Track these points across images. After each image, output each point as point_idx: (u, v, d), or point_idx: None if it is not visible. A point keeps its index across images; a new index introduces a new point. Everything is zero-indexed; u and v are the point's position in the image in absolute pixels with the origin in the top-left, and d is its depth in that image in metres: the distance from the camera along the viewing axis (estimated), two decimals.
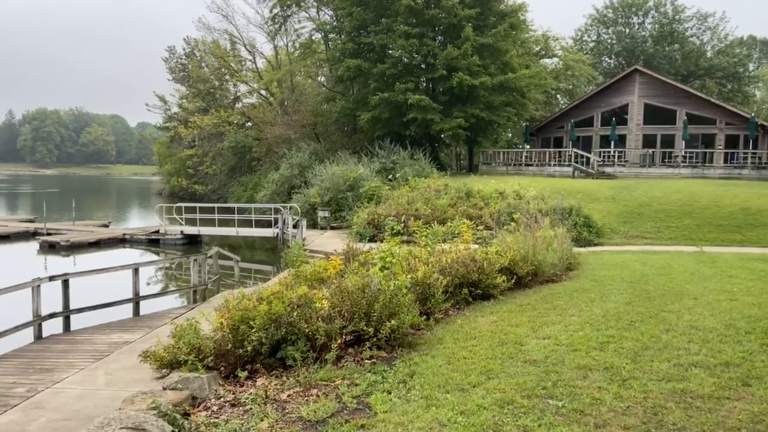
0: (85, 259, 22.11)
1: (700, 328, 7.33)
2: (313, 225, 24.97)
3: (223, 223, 26.33)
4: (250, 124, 49.10)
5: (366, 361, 6.64)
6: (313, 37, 41.96)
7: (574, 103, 38.17)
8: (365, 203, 23.81)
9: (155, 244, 25.18)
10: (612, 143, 33.82)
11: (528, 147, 40.28)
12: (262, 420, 5.12)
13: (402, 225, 14.88)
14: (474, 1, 32.64)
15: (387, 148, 30.69)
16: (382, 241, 12.80)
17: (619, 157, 33.16)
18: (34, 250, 23.93)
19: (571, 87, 47.55)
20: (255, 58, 50.74)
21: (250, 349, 6.48)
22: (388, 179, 26.99)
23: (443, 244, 12.08)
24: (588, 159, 31.96)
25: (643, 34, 57.48)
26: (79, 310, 10.97)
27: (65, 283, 10.79)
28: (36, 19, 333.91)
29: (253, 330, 6.51)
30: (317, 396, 5.65)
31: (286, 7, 39.88)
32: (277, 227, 24.03)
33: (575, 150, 32.58)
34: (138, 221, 37.43)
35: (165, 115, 58.45)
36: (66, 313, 10.76)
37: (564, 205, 19.48)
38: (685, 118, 32.71)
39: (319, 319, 6.84)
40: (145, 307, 12.15)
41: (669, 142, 33.66)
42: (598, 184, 26.35)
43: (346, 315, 7.06)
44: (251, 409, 5.44)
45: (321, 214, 25.24)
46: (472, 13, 31.44)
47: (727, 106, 34.15)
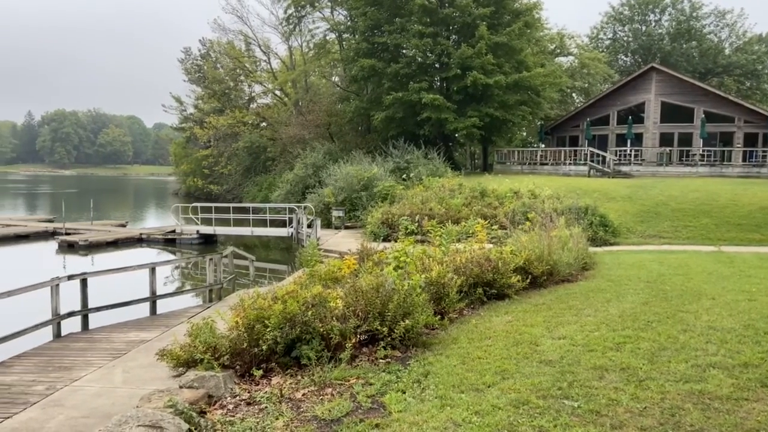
0: (102, 258, 22.38)
1: (718, 328, 7.25)
2: (327, 224, 25.04)
3: (238, 222, 26.50)
4: (264, 124, 49.36)
5: (380, 360, 6.65)
6: (327, 38, 42.07)
7: (589, 102, 37.86)
8: (379, 203, 23.82)
9: (171, 244, 25.41)
10: (628, 142, 33.50)
11: (543, 146, 40.02)
12: (278, 419, 5.15)
13: (416, 224, 14.88)
14: None
15: (401, 147, 30.68)
16: (396, 241, 12.81)
17: (635, 155, 32.84)
18: (53, 249, 24.27)
19: (586, 85, 47.14)
20: (269, 59, 51.04)
21: (265, 348, 6.52)
22: (402, 179, 26.98)
23: (457, 244, 12.06)
24: (604, 158, 31.70)
25: (659, 31, 56.81)
26: (97, 309, 11.10)
27: (83, 283, 10.93)
28: (53, 20, 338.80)
29: (268, 329, 6.55)
30: (332, 395, 5.67)
31: (300, 8, 40.01)
32: (291, 227, 24.13)
33: (591, 149, 32.33)
34: (154, 221, 37.79)
35: (181, 115, 58.95)
36: (84, 312, 10.90)
37: (579, 205, 19.34)
38: (702, 116, 32.31)
39: (334, 318, 6.86)
40: (162, 306, 12.26)
41: (686, 140, 33.25)
42: (615, 183, 26.12)
43: (361, 314, 7.08)
44: (266, 407, 5.47)
45: (335, 213, 25.30)
46: (487, 12, 31.30)
47: (746, 104, 33.68)
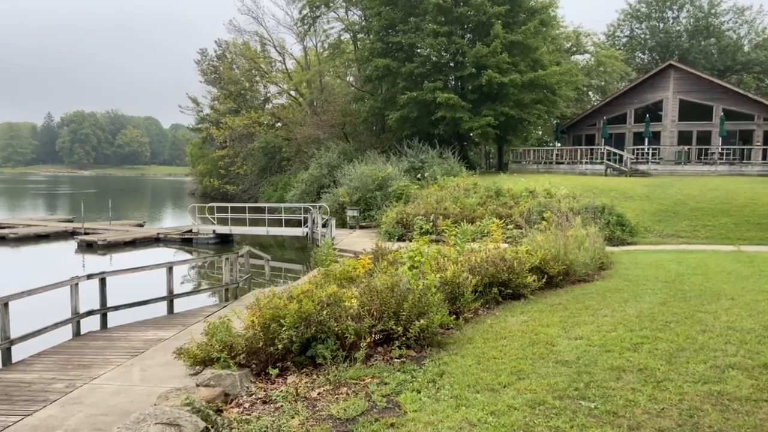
0: (121, 257, 22.65)
1: (737, 329, 7.15)
2: (342, 224, 25.10)
3: (253, 222, 26.66)
4: (279, 124, 49.61)
5: (395, 360, 6.66)
6: (342, 38, 42.18)
7: (606, 100, 37.53)
8: (394, 202, 23.83)
9: (188, 243, 25.64)
10: (646, 140, 33.16)
11: (559, 145, 39.76)
12: (293, 417, 5.17)
13: (431, 224, 14.83)
14: None
15: (415, 147, 30.65)
16: (410, 241, 12.81)
17: (653, 154, 32.49)
18: (73, 249, 24.61)
19: (603, 83, 46.73)
20: (285, 59, 51.30)
21: (280, 347, 6.55)
22: (416, 178, 26.96)
23: (472, 244, 12.02)
24: (621, 156, 31.41)
25: (677, 28, 56.13)
26: (116, 308, 11.23)
27: (102, 282, 11.06)
28: (72, 21, 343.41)
29: (284, 328, 6.58)
30: (347, 394, 5.69)
31: (315, 8, 40.15)
32: (306, 226, 24.22)
33: (608, 147, 32.05)
34: (172, 221, 38.15)
35: (197, 116, 59.47)
36: (103, 311, 11.03)
37: (596, 204, 19.19)
38: (721, 114, 31.88)
39: (349, 317, 6.88)
40: (179, 305, 12.36)
41: (705, 138, 32.83)
42: (632, 182, 25.86)
43: (375, 314, 7.08)
44: (282, 406, 5.50)
45: (350, 213, 25.35)
46: (502, 11, 31.16)
47: (766, 102, 33.09)
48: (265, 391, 6.09)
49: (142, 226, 31.12)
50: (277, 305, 6.95)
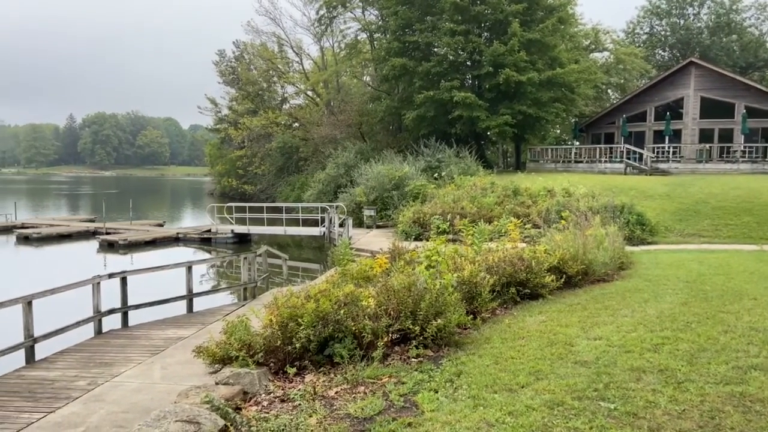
0: (141, 257, 22.95)
1: (760, 329, 7.03)
2: (359, 224, 25.15)
3: (271, 222, 26.83)
4: (297, 124, 49.86)
5: (412, 359, 6.65)
6: (359, 37, 42.24)
7: (626, 98, 37.10)
8: (411, 202, 23.82)
9: (207, 243, 25.88)
10: (666, 138, 32.71)
11: (577, 143, 39.40)
12: (311, 416, 5.20)
13: (448, 223, 14.81)
14: None
15: (432, 146, 30.59)
16: (427, 240, 12.80)
17: (673, 152, 32.05)
18: (94, 248, 24.99)
19: (622, 81, 46.17)
20: (302, 60, 51.52)
21: (298, 346, 6.59)
22: (433, 178, 26.91)
23: (490, 243, 11.96)
24: (641, 155, 31.04)
25: (698, 25, 55.31)
26: (136, 307, 11.38)
27: (123, 281, 11.21)
28: (92, 23, 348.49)
29: (301, 327, 6.62)
30: (364, 393, 5.70)
31: (332, 9, 40.26)
32: (323, 226, 24.31)
33: (627, 146, 31.68)
34: (191, 221, 38.55)
35: (216, 117, 59.98)
36: (124, 309, 11.19)
37: (615, 203, 18.99)
38: (744, 111, 31.32)
39: (366, 317, 6.89)
40: (198, 304, 12.49)
41: (727, 136, 32.28)
42: (652, 180, 25.54)
43: (392, 313, 7.09)
44: (300, 405, 5.53)
45: (367, 212, 25.39)
46: (519, 8, 30.96)
47: None
48: (283, 389, 6.13)
49: (162, 225, 31.49)
50: (295, 304, 6.99)
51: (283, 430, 4.92)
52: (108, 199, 46.08)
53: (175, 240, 26.49)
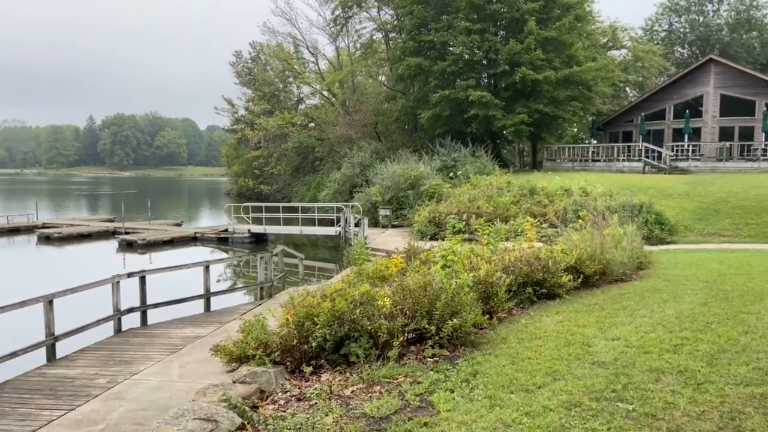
0: (159, 256, 23.20)
1: None
2: (374, 223, 25.18)
3: (287, 222, 26.97)
4: (312, 124, 50.04)
5: (428, 359, 6.65)
6: (374, 37, 42.30)
7: (644, 96, 36.69)
8: (426, 201, 23.79)
9: (224, 243, 26.09)
10: (686, 137, 32.30)
11: (595, 142, 39.04)
12: (327, 415, 5.22)
13: (463, 223, 14.77)
14: None
15: (448, 145, 30.53)
16: (443, 240, 12.74)
17: (693, 151, 31.63)
18: (114, 248, 25.31)
19: (640, 79, 45.67)
20: (317, 60, 51.69)
21: (314, 345, 6.62)
22: (449, 177, 26.85)
23: (506, 243, 11.91)
24: (659, 153, 30.68)
25: (718, 21, 54.53)
26: (155, 306, 11.51)
27: (142, 280, 11.34)
28: (112, 25, 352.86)
29: (318, 326, 6.65)
30: (380, 393, 5.71)
31: (347, 9, 40.34)
32: (339, 226, 24.38)
33: (646, 144, 31.34)
34: (208, 220, 38.87)
35: (232, 117, 60.41)
36: (143, 308, 11.32)
37: (634, 202, 18.80)
38: (765, 108, 30.81)
39: (381, 316, 6.90)
40: (216, 303, 12.59)
41: (748, 134, 31.79)
42: (671, 179, 25.24)
43: (408, 313, 7.08)
44: (316, 403, 5.56)
45: (382, 212, 25.41)
46: (536, 6, 30.76)
47: None
48: (299, 388, 6.16)
49: (179, 225, 31.81)
50: (311, 304, 7.02)
51: (299, 428, 4.95)
52: (127, 200, 46.64)
53: (192, 240, 26.75)
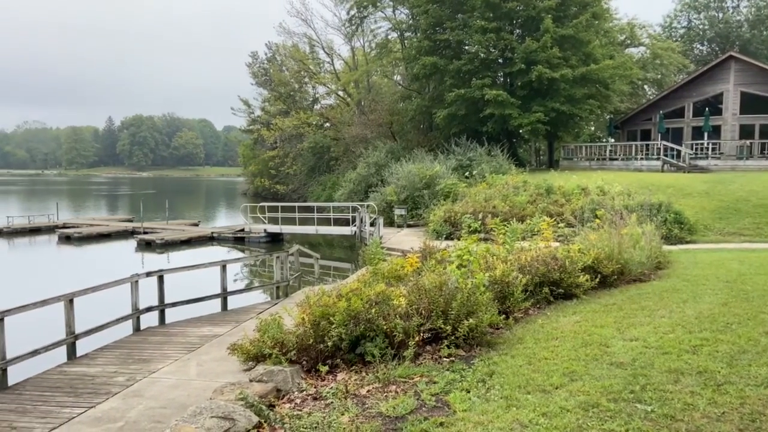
0: (177, 256, 23.43)
1: None
2: (389, 223, 25.18)
3: (303, 221, 27.08)
4: (328, 124, 50.21)
5: (444, 359, 6.63)
6: (389, 37, 42.28)
7: (662, 94, 36.27)
8: (441, 201, 23.74)
9: (241, 242, 26.28)
10: (705, 135, 31.88)
11: (612, 140, 38.67)
12: (343, 414, 5.23)
13: (479, 222, 14.72)
14: None
15: (463, 144, 30.43)
16: (458, 239, 12.71)
17: (713, 149, 31.21)
18: (132, 247, 25.62)
19: (659, 76, 45.13)
20: (333, 60, 51.87)
21: (330, 344, 6.64)
22: (464, 176, 26.76)
23: (522, 242, 11.85)
24: (678, 152, 30.31)
25: (738, 18, 53.69)
26: (173, 305, 11.63)
27: (160, 279, 11.47)
28: (127, 25, 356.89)
29: (333, 326, 6.67)
30: (396, 392, 5.71)
31: (362, 8, 40.40)
32: (354, 225, 24.42)
33: (664, 142, 30.98)
34: (225, 220, 39.17)
35: (249, 118, 60.82)
36: (161, 307, 11.44)
37: (652, 201, 18.59)
38: None
39: (397, 316, 6.90)
40: (232, 302, 12.69)
41: None
42: (690, 178, 24.92)
43: (424, 313, 7.08)
44: (332, 403, 5.57)
45: (397, 212, 25.40)
46: (552, 4, 30.53)
47: None
48: (315, 387, 6.18)
49: (197, 225, 32.10)
50: (327, 303, 7.05)
51: (315, 427, 4.97)
52: (145, 200, 47.15)
53: (209, 239, 26.98)
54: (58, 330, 9.28)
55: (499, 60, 33.56)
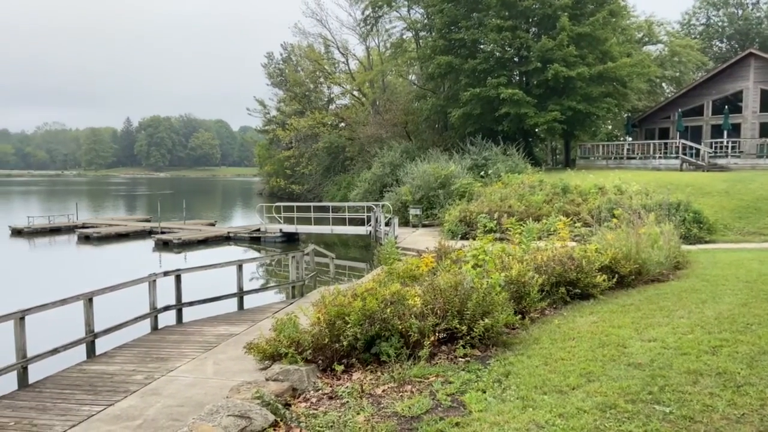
0: (194, 255, 23.63)
1: None
2: (404, 223, 25.18)
3: (318, 221, 27.17)
4: (343, 124, 50.30)
5: (459, 359, 6.62)
6: (404, 36, 42.28)
7: (681, 92, 35.83)
8: (457, 200, 23.68)
9: (257, 242, 26.44)
10: (725, 133, 31.44)
11: (630, 139, 38.27)
12: (359, 413, 5.24)
13: (495, 222, 14.67)
14: None
15: (479, 144, 30.31)
16: (474, 239, 12.69)
17: (732, 147, 30.76)
18: (150, 247, 25.89)
19: (677, 74, 44.57)
20: (348, 60, 51.93)
21: (345, 343, 6.65)
22: (480, 176, 26.66)
23: (538, 242, 11.78)
24: (697, 150, 29.92)
25: (757, 15, 52.87)
26: (190, 304, 11.73)
27: (178, 279, 11.58)
28: (145, 27, 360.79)
29: (349, 325, 6.68)
30: (411, 392, 5.71)
31: (377, 8, 40.41)
32: (369, 225, 24.44)
33: (683, 141, 30.60)
34: (241, 220, 39.42)
35: (264, 118, 61.17)
36: (179, 306, 11.55)
37: (671, 200, 18.38)
38: None
39: (412, 316, 6.90)
40: (248, 302, 12.78)
41: None
42: (710, 177, 24.58)
43: (439, 312, 7.07)
44: (348, 402, 5.59)
45: (412, 211, 25.38)
46: (568, 2, 30.28)
47: None
48: (331, 386, 6.20)
49: (213, 225, 32.36)
50: (342, 303, 7.06)
51: (331, 426, 4.98)
52: (163, 200, 47.62)
53: (226, 239, 27.18)
54: (78, 329, 9.41)
55: (515, 59, 33.38)
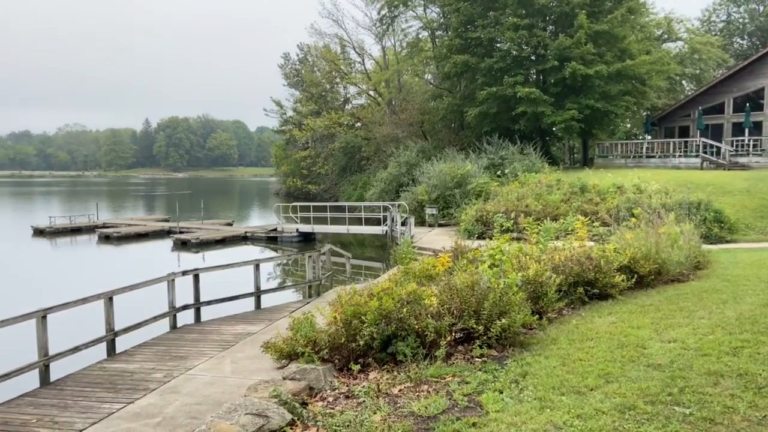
0: (212, 255, 23.83)
1: None
2: (421, 222, 25.14)
3: (334, 221, 27.26)
4: (359, 124, 50.39)
5: (476, 359, 6.60)
6: (420, 36, 42.21)
7: (702, 89, 35.31)
8: (473, 200, 23.59)
9: (273, 242, 26.59)
10: (746, 131, 30.93)
11: (649, 138, 37.83)
12: (375, 413, 5.25)
13: (512, 222, 14.59)
14: None
15: (495, 143, 30.17)
16: (490, 239, 12.62)
17: (754, 146, 30.28)
18: (169, 246, 26.17)
19: (698, 72, 43.92)
20: (363, 60, 52.03)
21: (362, 343, 6.67)
22: (496, 175, 26.53)
23: (556, 242, 11.69)
24: (718, 149, 29.50)
25: None
26: (208, 303, 11.84)
27: (196, 278, 11.69)
28: (164, 29, 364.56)
29: (365, 325, 6.70)
30: (428, 392, 5.71)
31: (393, 8, 40.40)
32: (386, 225, 24.46)
33: (703, 139, 30.17)
34: (258, 220, 39.68)
35: (281, 118, 61.44)
36: (197, 305, 11.66)
37: (691, 200, 18.13)
38: None
39: (429, 315, 6.89)
40: (265, 301, 12.85)
41: None
42: (731, 175, 24.21)
43: (455, 312, 7.05)
44: (364, 401, 5.60)
45: (429, 211, 25.34)
46: (586, 0, 30.01)
47: None
48: (347, 386, 6.22)
49: (231, 225, 32.60)
50: (358, 302, 7.08)
51: (348, 426, 5.00)
52: (181, 200, 48.11)
53: (243, 239, 27.38)
54: (98, 327, 9.54)
55: (532, 57, 33.13)
